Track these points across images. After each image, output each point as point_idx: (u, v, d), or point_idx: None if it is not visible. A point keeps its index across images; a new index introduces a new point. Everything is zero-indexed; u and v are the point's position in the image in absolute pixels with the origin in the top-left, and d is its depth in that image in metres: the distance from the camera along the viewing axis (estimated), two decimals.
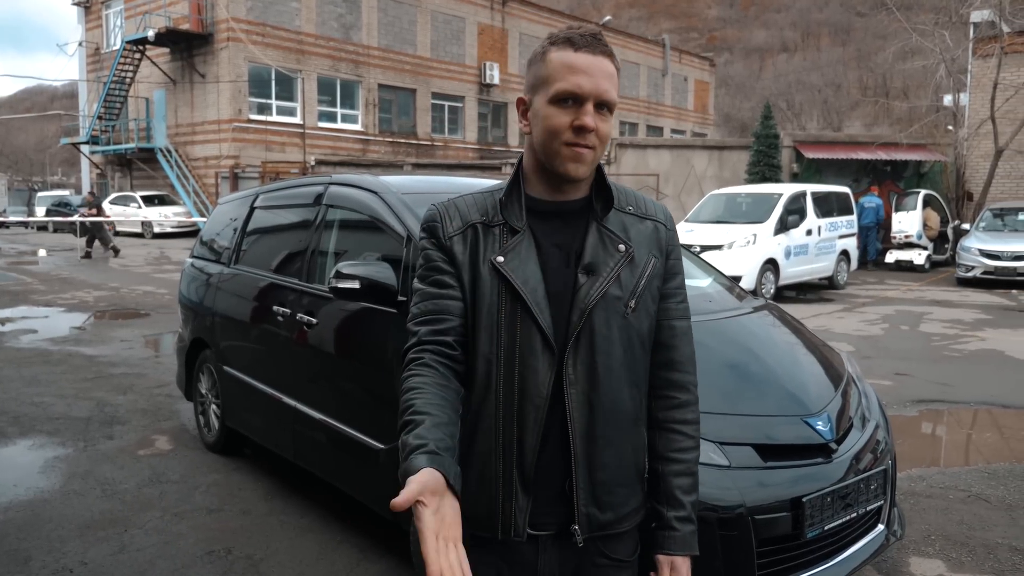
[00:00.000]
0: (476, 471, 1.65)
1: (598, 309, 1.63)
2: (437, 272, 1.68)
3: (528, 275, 1.63)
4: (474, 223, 1.69)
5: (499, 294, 1.64)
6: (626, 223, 1.71)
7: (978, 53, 22.30)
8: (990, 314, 12.59)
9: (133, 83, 33.29)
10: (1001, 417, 6.76)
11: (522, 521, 1.63)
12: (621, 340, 1.66)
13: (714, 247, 13.84)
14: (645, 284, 1.69)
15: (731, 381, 3.38)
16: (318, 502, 4.65)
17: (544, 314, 1.62)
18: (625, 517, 1.70)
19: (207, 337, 5.53)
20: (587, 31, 1.63)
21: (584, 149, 1.60)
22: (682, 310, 1.78)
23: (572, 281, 1.65)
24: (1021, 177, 22.34)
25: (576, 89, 1.58)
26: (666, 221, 1.77)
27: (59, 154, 69.30)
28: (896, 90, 49.39)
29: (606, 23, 49.22)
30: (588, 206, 1.69)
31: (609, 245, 1.67)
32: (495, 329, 1.64)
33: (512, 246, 1.65)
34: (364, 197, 4.15)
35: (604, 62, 1.61)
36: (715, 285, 4.46)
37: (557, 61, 1.61)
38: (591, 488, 1.64)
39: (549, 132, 1.61)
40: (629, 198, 1.76)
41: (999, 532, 4.29)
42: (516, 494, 1.63)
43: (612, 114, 1.64)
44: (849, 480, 3.10)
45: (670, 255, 1.75)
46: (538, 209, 1.69)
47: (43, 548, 4.03)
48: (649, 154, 24.13)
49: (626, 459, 1.69)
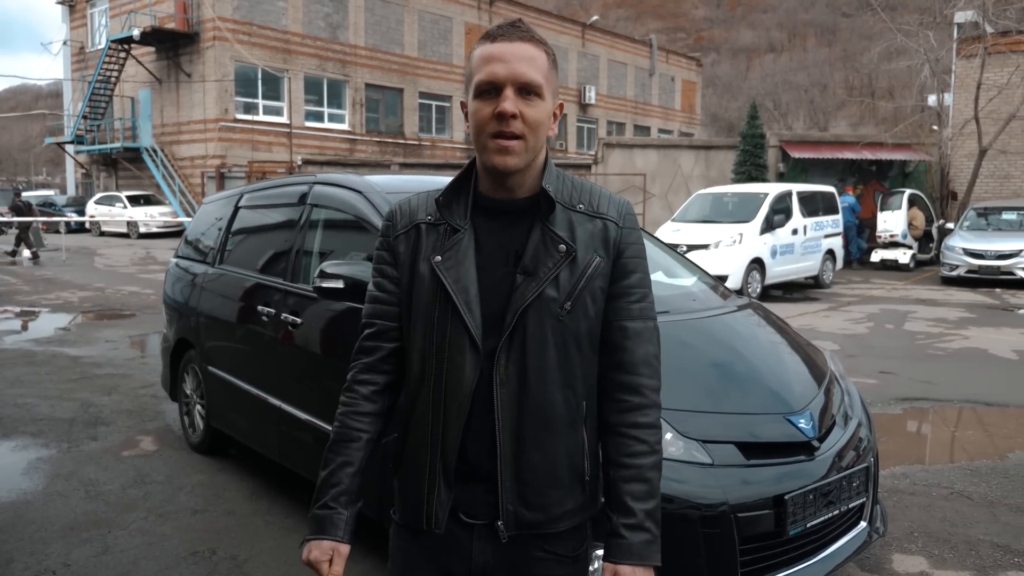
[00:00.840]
0: (409, 462, 1.72)
1: (531, 310, 1.62)
2: (380, 274, 1.76)
3: (461, 275, 1.64)
4: (419, 222, 1.72)
5: (434, 293, 1.66)
6: (573, 221, 1.67)
7: (962, 53, 22.45)
8: (974, 313, 12.68)
9: (118, 82, 33.11)
10: (984, 415, 6.81)
11: (442, 514, 1.66)
12: (555, 342, 1.63)
13: (701, 246, 13.89)
14: (584, 285, 1.65)
15: (715, 380, 3.40)
16: (303, 502, 4.64)
17: (472, 314, 1.62)
18: (558, 518, 1.67)
19: (192, 337, 5.51)
20: (507, 22, 1.64)
21: (510, 140, 1.58)
22: (637, 310, 1.70)
23: (511, 281, 1.64)
24: (1004, 177, 22.51)
25: (491, 77, 1.58)
26: (619, 219, 1.71)
27: (44, 154, 68.91)
28: (881, 90, 49.66)
29: (593, 23, 49.31)
30: (536, 205, 1.67)
31: (550, 245, 1.64)
32: (428, 326, 1.66)
33: (451, 245, 1.66)
34: (349, 196, 4.14)
35: (522, 46, 1.60)
36: (699, 284, 4.48)
37: (476, 56, 1.63)
38: (517, 487, 1.64)
39: (476, 127, 1.61)
40: (582, 195, 1.71)
41: (981, 529, 4.32)
42: (439, 487, 1.66)
43: (544, 98, 1.61)
44: (831, 478, 3.12)
45: (622, 253, 1.70)
46: (485, 207, 1.69)
47: (25, 550, 4.01)
48: (636, 154, 24.18)
49: (558, 461, 1.66)
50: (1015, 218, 17.84)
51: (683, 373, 3.39)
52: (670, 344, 3.56)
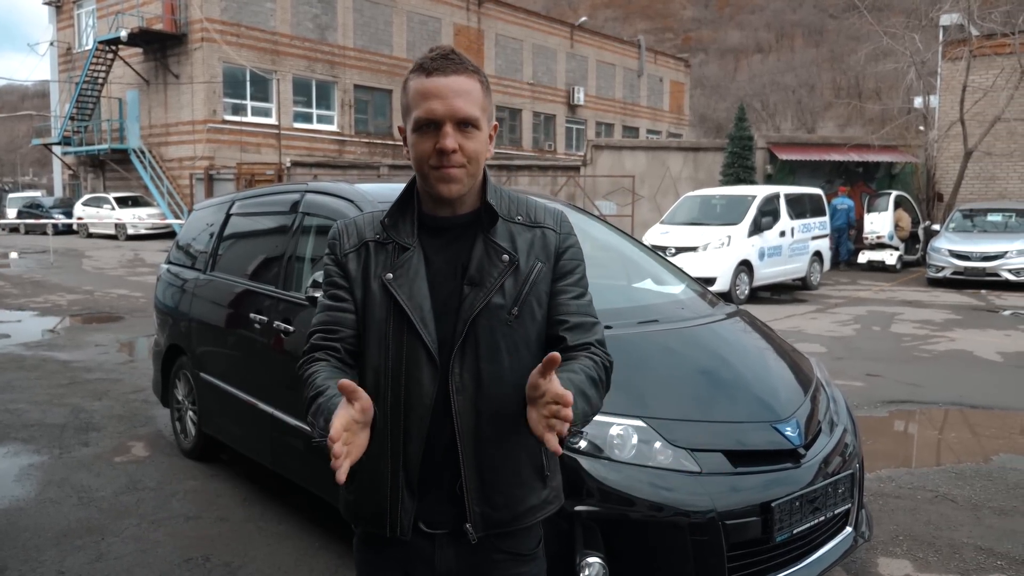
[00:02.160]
0: (366, 472, 1.74)
1: (481, 318, 1.69)
2: (334, 287, 1.80)
3: (414, 291, 1.71)
4: (367, 241, 1.78)
5: (388, 309, 1.72)
6: (514, 232, 1.76)
7: (947, 56, 22.63)
8: (959, 314, 12.80)
9: (106, 83, 32.97)
10: (969, 417, 6.89)
11: (407, 521, 1.72)
12: (507, 347, 1.71)
13: (689, 249, 13.97)
14: (529, 290, 1.73)
15: (703, 388, 3.45)
16: (296, 508, 4.67)
17: (428, 329, 1.69)
18: (522, 515, 1.75)
19: (183, 343, 5.53)
20: (439, 52, 1.69)
21: (451, 169, 1.66)
22: (575, 306, 1.78)
23: (459, 293, 1.71)
24: (990, 178, 22.69)
25: (429, 115, 1.65)
26: (556, 226, 1.81)
27: (30, 155, 68.50)
28: (868, 91, 49.93)
29: (582, 24, 49.38)
30: (477, 219, 1.75)
31: (494, 256, 1.72)
32: (383, 342, 1.72)
33: (402, 263, 1.73)
34: (340, 206, 4.17)
35: (457, 80, 1.66)
36: (688, 292, 4.53)
37: (412, 90, 1.69)
38: (481, 488, 1.71)
39: (417, 159, 1.69)
40: (520, 207, 1.80)
41: (965, 532, 4.39)
42: (402, 496, 1.72)
43: (481, 128, 1.69)
44: (817, 484, 3.18)
45: (561, 256, 1.79)
46: (429, 225, 1.76)
47: (19, 557, 4.02)
48: (625, 155, 24.26)
49: (518, 459, 1.74)
50: (1000, 220, 18.00)
51: (671, 382, 3.44)
52: (659, 352, 3.63)
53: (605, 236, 4.75)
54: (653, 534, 2.89)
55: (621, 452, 2.98)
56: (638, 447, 3.00)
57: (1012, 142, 22.02)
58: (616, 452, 2.97)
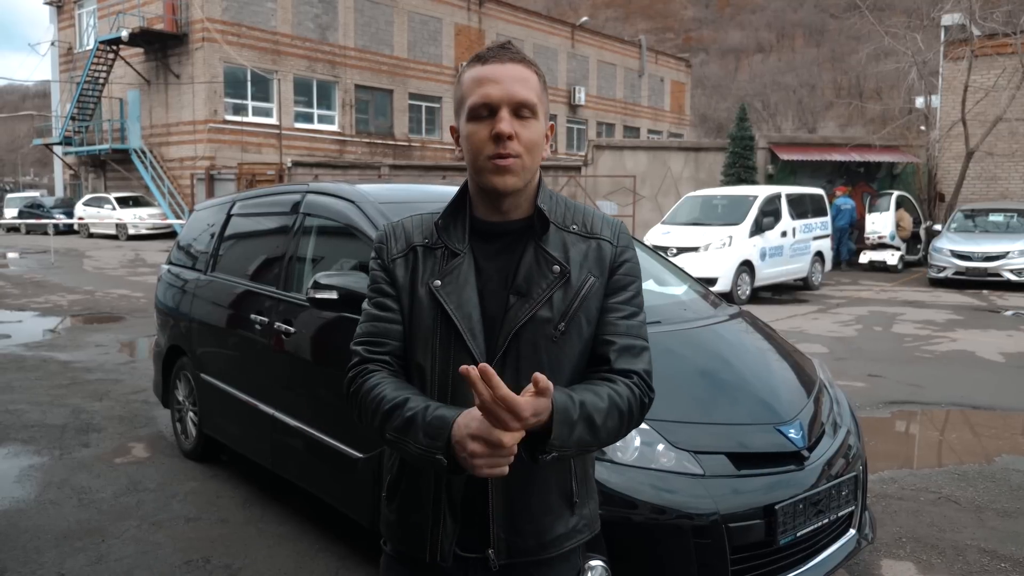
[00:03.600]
0: (407, 492, 1.68)
1: (525, 331, 1.60)
2: (380, 294, 1.71)
3: (463, 300, 1.62)
4: (416, 245, 1.70)
5: (435, 318, 1.63)
6: (567, 242, 1.67)
7: (949, 56, 22.59)
8: (961, 315, 12.77)
9: (107, 83, 32.97)
10: (971, 417, 6.87)
11: (448, 546, 1.63)
12: (549, 364, 1.61)
13: (690, 249, 13.95)
14: (579, 305, 1.63)
15: (705, 390, 3.44)
16: (296, 510, 4.65)
17: (476, 340, 1.61)
18: (548, 544, 1.66)
19: (184, 344, 5.52)
20: (497, 44, 1.64)
21: (508, 159, 1.57)
22: (624, 327, 1.67)
23: (506, 303, 1.63)
24: (991, 178, 22.67)
25: (485, 99, 1.58)
26: (613, 238, 1.71)
27: (31, 155, 68.52)
28: (869, 91, 49.90)
29: (583, 23, 49.36)
30: (530, 226, 1.66)
31: (544, 266, 1.63)
32: (431, 353, 1.64)
33: (451, 269, 1.64)
34: (341, 206, 4.16)
35: (514, 68, 1.60)
36: (690, 293, 4.51)
37: (468, 79, 1.62)
38: (508, 515, 1.62)
39: (473, 150, 1.60)
40: (576, 216, 1.71)
41: (968, 534, 4.37)
42: (444, 518, 1.63)
43: (539, 118, 1.62)
44: (821, 487, 3.16)
45: (616, 271, 1.69)
46: (481, 230, 1.68)
47: (19, 559, 4.01)
48: (626, 155, 24.24)
49: (547, 486, 1.65)
50: (1002, 220, 17.98)
51: (674, 383, 3.42)
52: (661, 354, 3.59)
53: None
54: (656, 537, 2.88)
55: (624, 454, 2.96)
56: (641, 449, 2.99)
57: (1014, 142, 21.99)
58: (619, 454, 2.96)
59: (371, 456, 3.55)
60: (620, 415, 1.58)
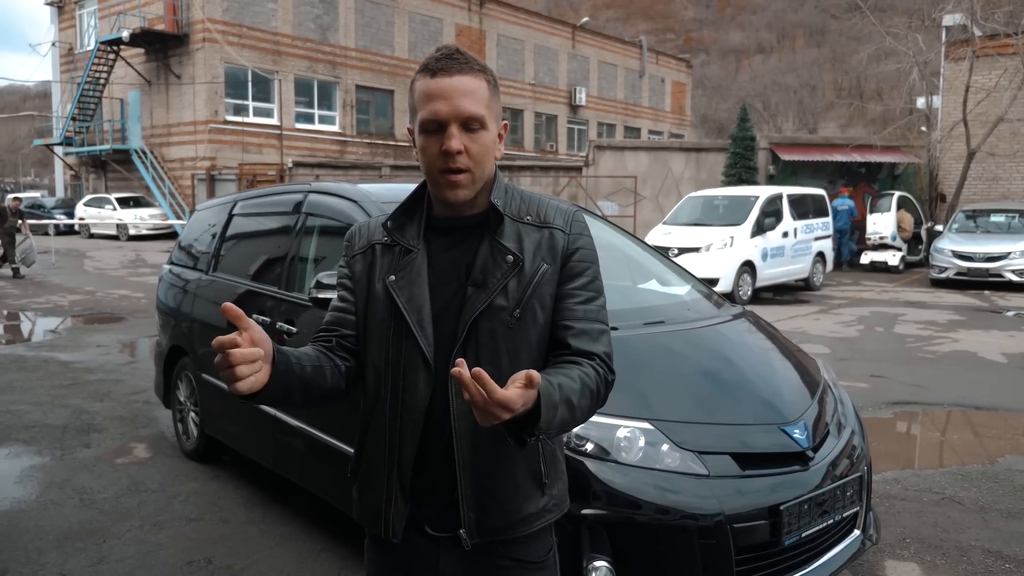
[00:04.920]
0: (365, 474, 1.78)
1: (483, 320, 1.66)
2: (342, 288, 1.83)
3: (414, 294, 1.70)
4: (375, 243, 1.79)
5: (389, 312, 1.71)
6: (521, 233, 1.72)
7: (950, 56, 22.58)
8: (963, 315, 12.76)
9: (107, 84, 32.94)
10: (973, 418, 6.86)
11: (399, 524, 1.71)
12: (507, 350, 1.67)
13: (692, 249, 13.94)
14: (532, 291, 1.69)
15: (709, 390, 3.42)
16: (298, 510, 4.64)
17: (424, 332, 1.68)
18: (518, 523, 1.71)
19: (185, 344, 5.50)
20: (444, 52, 1.66)
21: (457, 175, 1.64)
22: (582, 312, 1.71)
23: (463, 294, 1.69)
24: (993, 179, 22.66)
25: (434, 116, 1.63)
26: (566, 226, 1.75)
27: (32, 155, 68.56)
28: (870, 92, 49.86)
29: (583, 24, 49.35)
30: (486, 220, 1.73)
31: (498, 257, 1.69)
32: (384, 345, 1.72)
33: (404, 265, 1.73)
34: (344, 206, 4.15)
35: (461, 80, 1.63)
36: (693, 293, 4.50)
37: (418, 91, 1.67)
38: (477, 494, 1.67)
39: (426, 161, 1.68)
40: (531, 207, 1.77)
41: (972, 534, 4.36)
42: (395, 499, 1.71)
43: (488, 128, 1.66)
44: (826, 487, 3.15)
45: (570, 258, 1.74)
46: (439, 226, 1.75)
47: (20, 560, 4.00)
48: (627, 156, 24.22)
49: (516, 466, 1.70)
50: (1003, 220, 17.97)
51: (678, 383, 3.41)
52: (665, 354, 3.60)
53: (609, 237, 4.72)
54: (661, 537, 2.86)
55: (628, 455, 2.95)
56: (645, 450, 2.97)
57: (1015, 143, 21.98)
58: (623, 455, 2.94)
59: None
60: (591, 394, 1.64)
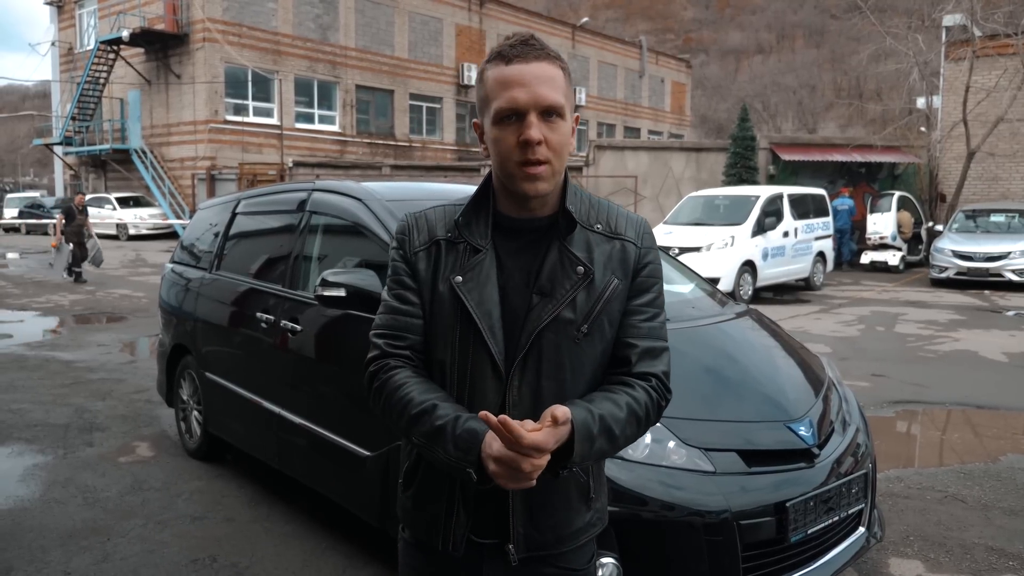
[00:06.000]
0: (424, 482, 1.69)
1: (548, 332, 1.59)
2: (401, 286, 1.68)
3: (484, 298, 1.60)
4: (439, 239, 1.67)
5: (456, 314, 1.61)
6: (591, 242, 1.64)
7: (950, 56, 22.58)
8: (963, 315, 12.76)
9: (107, 83, 32.95)
10: (975, 417, 6.87)
11: (460, 536, 1.64)
12: (570, 365, 1.61)
13: (692, 249, 13.93)
14: (602, 307, 1.62)
15: (715, 387, 3.42)
16: (302, 508, 4.64)
17: (495, 338, 1.60)
18: (565, 538, 1.67)
19: (188, 343, 5.50)
20: (518, 39, 1.58)
21: (537, 167, 1.54)
22: (646, 329, 1.66)
23: (528, 302, 1.61)
24: (993, 179, 22.66)
25: (512, 105, 1.53)
26: (637, 239, 1.69)
27: (31, 155, 68.53)
28: (870, 92, 49.89)
29: (583, 24, 49.36)
30: (555, 223, 1.64)
31: (568, 266, 1.61)
32: (451, 349, 1.63)
33: (472, 265, 1.62)
34: (348, 204, 4.15)
35: (539, 67, 1.55)
36: (697, 291, 4.51)
37: (492, 79, 1.57)
38: (527, 509, 1.63)
39: (501, 154, 1.57)
40: (600, 214, 1.68)
41: (975, 532, 4.36)
42: (458, 510, 1.64)
43: (566, 118, 1.57)
44: (831, 484, 3.15)
45: (639, 272, 1.67)
46: (505, 226, 1.65)
47: (25, 558, 4.00)
48: (627, 156, 24.23)
49: (567, 482, 1.65)
50: (1003, 220, 17.98)
51: (683, 381, 3.39)
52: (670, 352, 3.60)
53: None
54: (668, 534, 2.87)
55: (635, 451, 2.95)
56: (652, 447, 2.98)
57: (1015, 143, 21.99)
58: (630, 451, 2.95)
59: (378, 454, 3.54)
60: (637, 421, 1.61)
